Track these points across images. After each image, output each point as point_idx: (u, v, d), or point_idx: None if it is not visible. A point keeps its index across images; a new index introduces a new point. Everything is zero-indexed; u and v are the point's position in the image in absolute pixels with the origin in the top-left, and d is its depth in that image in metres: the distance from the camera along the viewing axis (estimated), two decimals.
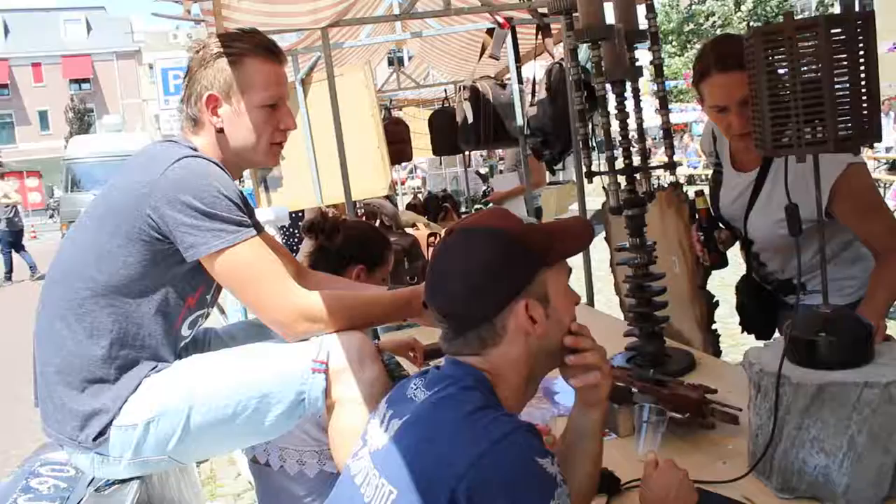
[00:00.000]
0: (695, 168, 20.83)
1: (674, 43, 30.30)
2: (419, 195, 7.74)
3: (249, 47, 1.75)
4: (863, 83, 1.34)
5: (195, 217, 1.58)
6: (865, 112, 1.35)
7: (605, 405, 1.40)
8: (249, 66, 1.74)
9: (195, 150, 1.71)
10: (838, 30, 1.32)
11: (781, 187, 1.72)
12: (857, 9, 1.80)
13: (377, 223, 4.61)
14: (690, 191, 2.63)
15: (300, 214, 5.10)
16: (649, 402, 1.76)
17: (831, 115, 1.31)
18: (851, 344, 1.46)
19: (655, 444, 1.69)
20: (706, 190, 2.48)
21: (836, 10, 1.92)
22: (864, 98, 1.34)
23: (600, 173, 2.20)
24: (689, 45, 30.90)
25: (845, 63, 1.32)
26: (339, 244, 2.44)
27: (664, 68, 2.25)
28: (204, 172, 1.62)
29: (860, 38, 1.33)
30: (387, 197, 5.33)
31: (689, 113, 26.07)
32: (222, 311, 4.57)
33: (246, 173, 5.92)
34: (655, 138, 15.69)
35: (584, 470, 1.38)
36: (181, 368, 1.69)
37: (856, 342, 1.47)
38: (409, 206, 6.76)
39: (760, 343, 2.15)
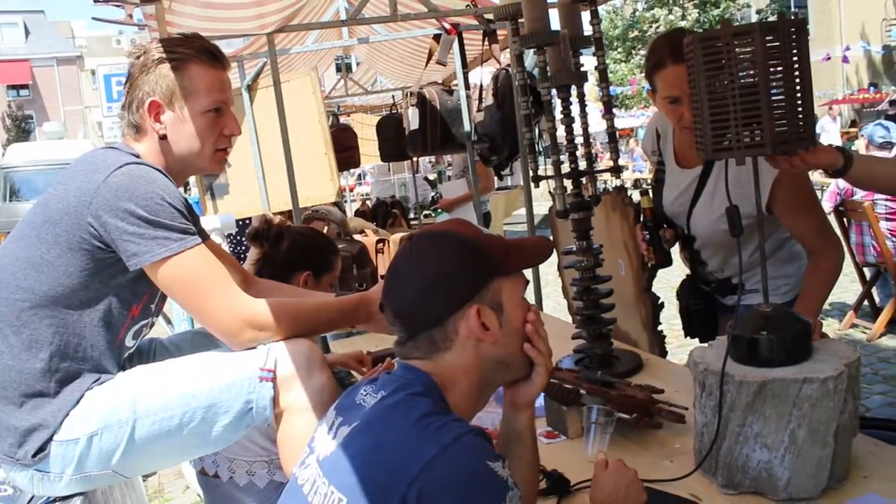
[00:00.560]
0: (640, 172, 21.14)
1: (619, 49, 30.73)
2: (368, 202, 7.71)
3: (192, 52, 1.72)
4: (797, 88, 1.38)
5: (138, 225, 1.56)
6: (801, 116, 1.39)
7: (533, 409, 1.41)
8: (192, 71, 1.71)
9: (137, 156, 1.68)
10: (773, 36, 1.36)
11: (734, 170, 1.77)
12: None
13: (325, 230, 4.57)
14: (636, 194, 2.67)
15: (247, 222, 5.04)
16: (597, 403, 1.77)
17: (768, 119, 1.35)
18: (791, 341, 1.50)
19: (604, 445, 1.71)
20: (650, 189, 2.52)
21: None
22: (799, 102, 1.38)
23: (547, 177, 2.22)
24: (633, 52, 31.38)
25: (780, 68, 1.36)
26: (285, 251, 2.42)
27: (609, 74, 2.28)
28: (147, 179, 1.60)
29: (794, 44, 1.37)
30: (335, 203, 5.30)
31: (634, 118, 26.49)
32: (168, 321, 4.49)
33: (192, 181, 5.84)
34: (601, 143, 15.92)
35: (518, 475, 1.39)
36: (125, 380, 1.66)
37: (795, 340, 1.51)
38: (358, 213, 6.72)
39: (705, 344, 2.19)
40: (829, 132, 16.62)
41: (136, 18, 3.36)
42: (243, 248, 5.28)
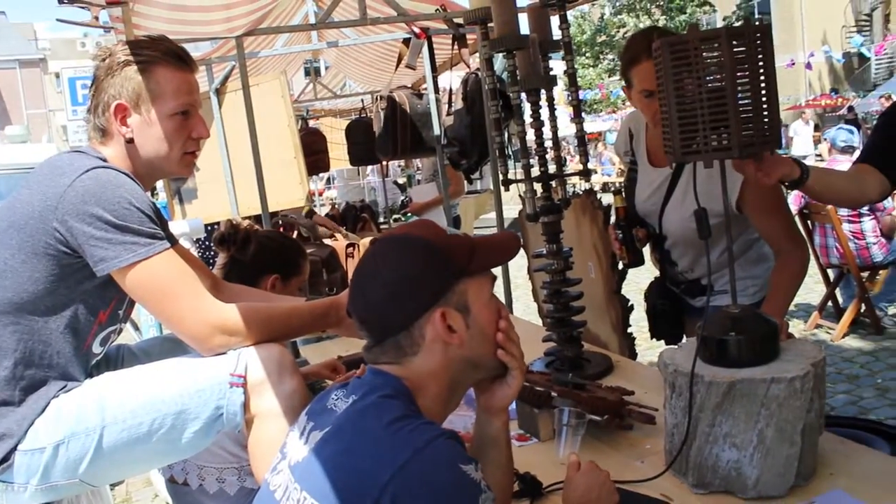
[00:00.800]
0: (609, 176, 21.31)
1: (587, 54, 31.00)
2: (337, 206, 7.69)
3: (158, 54, 1.70)
4: (763, 92, 1.40)
5: (105, 230, 1.53)
6: (767, 119, 1.41)
7: (507, 414, 1.41)
8: (159, 73, 1.69)
9: (104, 160, 1.66)
10: (739, 42, 1.38)
11: (703, 181, 1.80)
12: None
13: (295, 234, 4.55)
14: (605, 197, 2.69)
15: (216, 227, 4.99)
16: (569, 405, 1.79)
17: (735, 123, 1.37)
18: (759, 342, 1.53)
19: (575, 447, 1.73)
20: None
21: None
22: (765, 106, 1.41)
23: (517, 181, 2.23)
24: (601, 57, 31.66)
25: (747, 73, 1.38)
26: (252, 255, 2.40)
27: (578, 78, 2.30)
28: (114, 183, 1.58)
29: (759, 49, 1.39)
30: (307, 209, 5.29)
31: (602, 122, 26.71)
32: (136, 327, 4.43)
33: (159, 186, 5.78)
34: (570, 146, 16.03)
35: (492, 480, 1.39)
36: (92, 387, 1.63)
37: (763, 340, 1.53)
38: (329, 217, 6.69)
39: (674, 345, 2.21)
40: (801, 135, 16.95)
41: (102, 20, 3.32)
42: (212, 252, 5.22)
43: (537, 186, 2.21)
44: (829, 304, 5.78)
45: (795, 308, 6.47)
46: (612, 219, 2.49)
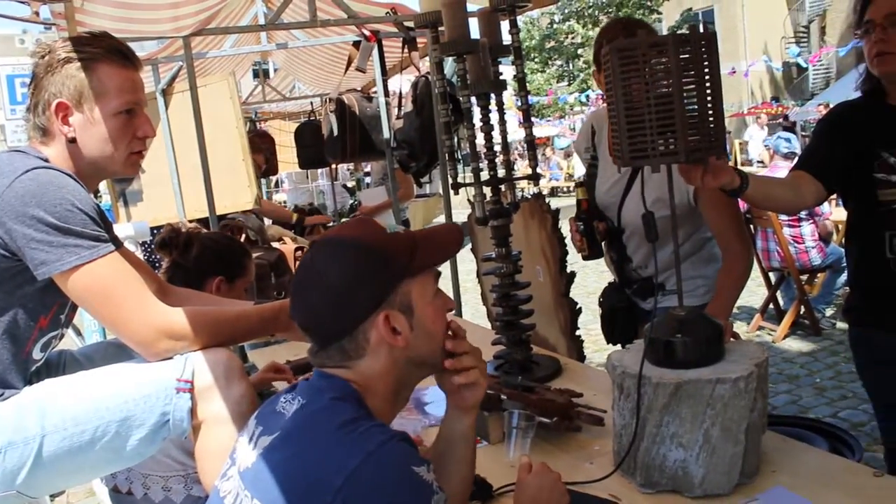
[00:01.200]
0: (557, 180, 21.55)
1: (536, 59, 31.23)
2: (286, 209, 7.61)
3: (101, 52, 1.66)
4: (709, 98, 1.43)
5: (47, 232, 1.50)
6: (712, 125, 1.44)
7: (477, 409, 1.43)
8: (101, 71, 1.65)
9: (46, 160, 1.62)
10: (686, 48, 1.41)
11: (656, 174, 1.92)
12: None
13: (242, 238, 4.49)
14: (553, 202, 2.72)
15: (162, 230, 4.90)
16: (518, 408, 1.79)
17: (682, 128, 1.40)
18: (705, 344, 1.56)
19: (525, 449, 1.73)
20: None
21: None
22: (711, 112, 1.44)
23: (466, 185, 2.24)
24: (550, 62, 31.94)
25: (693, 79, 1.41)
26: (195, 257, 2.37)
27: (527, 83, 2.32)
28: (56, 184, 1.54)
29: (705, 56, 1.42)
30: (254, 212, 5.23)
31: (552, 127, 26.97)
32: (78, 332, 4.33)
33: (103, 187, 5.65)
34: (519, 151, 16.17)
35: (459, 476, 1.40)
36: (32, 395, 1.59)
37: (709, 342, 1.56)
38: (276, 221, 6.62)
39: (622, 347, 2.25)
40: (756, 139, 17.53)
41: (43, 17, 3.24)
42: (158, 256, 5.14)
43: (486, 190, 2.22)
44: (771, 306, 5.92)
45: (738, 310, 6.61)
46: (574, 211, 2.53)
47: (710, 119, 1.44)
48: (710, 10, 30.59)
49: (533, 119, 2.38)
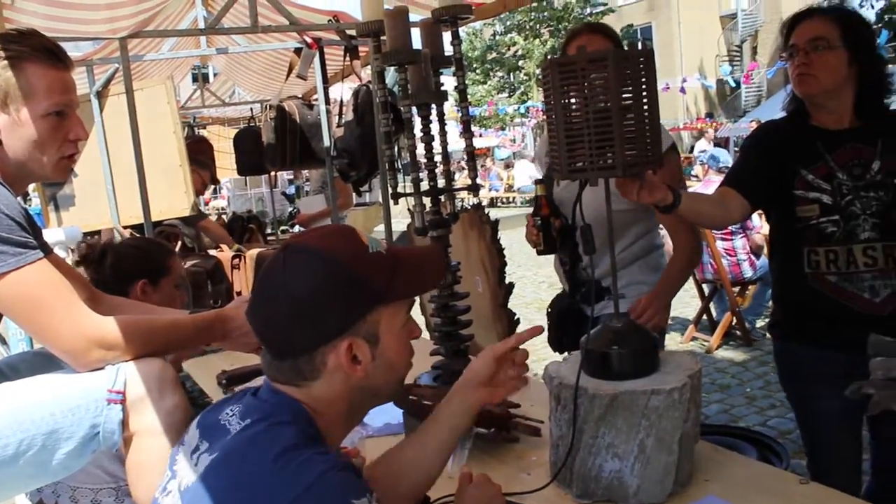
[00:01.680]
0: (496, 191, 21.70)
1: (477, 70, 31.48)
2: (224, 216, 7.50)
3: (28, 50, 1.60)
4: (646, 114, 1.46)
5: None
6: (649, 140, 1.47)
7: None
8: (29, 70, 1.59)
9: None
10: (625, 64, 1.43)
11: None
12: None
13: (178, 245, 4.41)
14: (492, 213, 2.74)
15: (96, 236, 4.78)
16: None
17: (619, 143, 1.42)
18: (640, 355, 1.58)
19: (463, 460, 1.72)
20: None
21: None
22: (648, 127, 1.46)
23: (406, 195, 2.23)
24: (491, 74, 32.23)
25: (631, 95, 1.44)
26: (111, 266, 2.31)
27: (468, 94, 2.33)
28: None
29: (643, 72, 1.45)
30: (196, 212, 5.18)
31: (493, 137, 27.19)
32: (3, 341, 4.18)
33: (33, 191, 5.48)
34: (459, 161, 16.28)
35: (443, 456, 1.43)
36: None
37: (644, 353, 1.58)
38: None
39: (559, 357, 2.27)
40: (706, 153, 18.14)
41: None
42: None
43: (426, 200, 2.22)
44: (704, 317, 6.06)
45: (673, 321, 6.72)
46: (533, 208, 2.58)
47: (648, 134, 1.46)
48: (648, 27, 31.34)
49: (473, 130, 2.39)
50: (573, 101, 1.45)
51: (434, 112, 2.25)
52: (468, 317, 2.32)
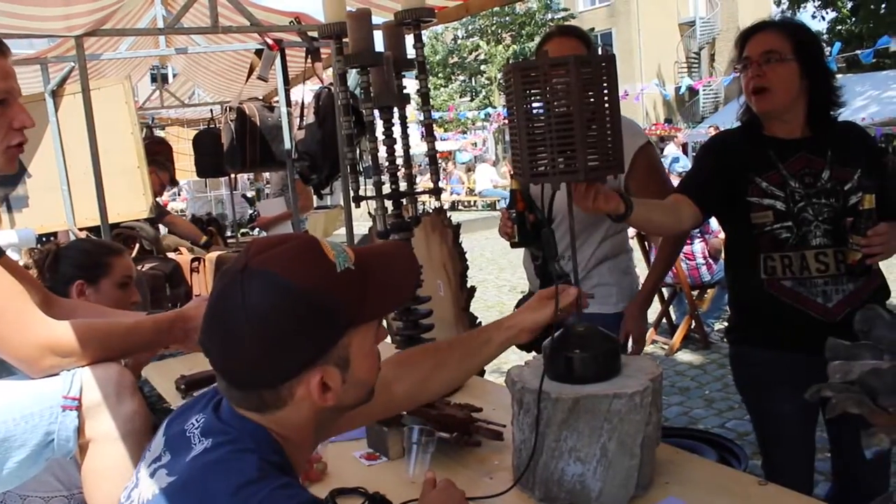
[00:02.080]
0: (458, 194, 21.73)
1: (440, 74, 31.51)
2: (183, 218, 7.40)
3: None
4: (608, 118, 1.47)
5: None
6: (610, 144, 1.48)
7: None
8: None
9: None
10: (587, 69, 1.44)
11: None
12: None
13: (136, 248, 4.34)
14: (454, 216, 2.74)
15: (52, 238, 4.68)
16: (418, 423, 1.78)
17: (581, 147, 1.42)
18: (603, 359, 1.58)
19: (426, 465, 1.72)
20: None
21: None
22: (609, 132, 1.47)
23: (368, 198, 2.22)
24: (453, 77, 32.29)
25: (592, 99, 1.44)
26: (52, 270, 2.26)
27: (430, 98, 2.32)
28: None
29: (604, 77, 1.46)
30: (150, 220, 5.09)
31: (454, 142, 27.22)
32: None
33: None
34: (421, 165, 16.28)
35: (480, 365, 1.59)
36: None
37: (606, 357, 1.59)
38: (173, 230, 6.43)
39: (526, 357, 2.28)
40: (670, 158, 18.32)
41: None
42: None
43: (388, 203, 2.21)
44: (664, 320, 6.12)
45: None
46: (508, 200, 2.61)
47: (609, 139, 1.47)
48: (608, 33, 31.66)
49: (435, 133, 2.39)
50: (535, 105, 1.45)
51: (396, 115, 2.24)
52: (430, 321, 2.31)
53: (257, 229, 6.93)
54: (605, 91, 1.45)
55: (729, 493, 1.57)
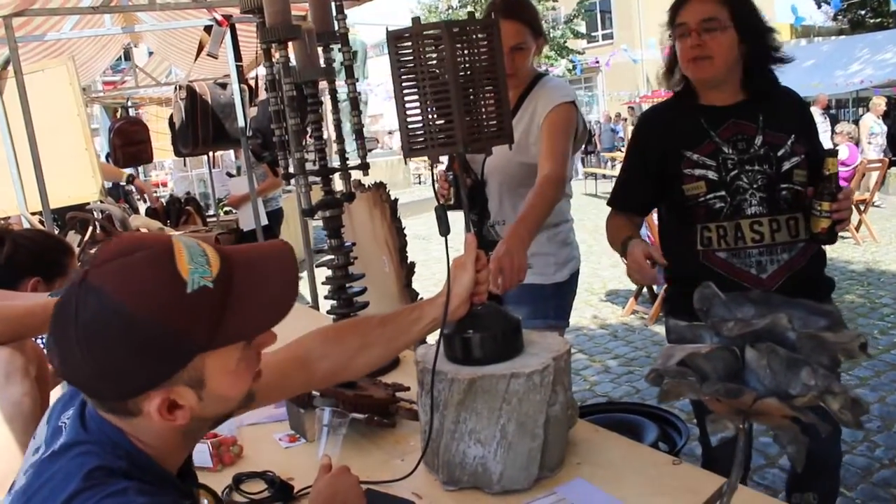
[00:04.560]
0: None
1: None
2: (161, 198, 7.33)
3: None
4: (488, 87, 1.40)
5: None
6: (493, 114, 1.41)
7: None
8: None
9: None
10: (461, 36, 1.36)
11: (526, 123, 2.35)
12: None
13: (90, 231, 4.27)
14: (393, 192, 2.69)
15: (5, 221, 4.62)
16: (329, 405, 1.75)
17: (459, 117, 1.35)
18: (501, 339, 1.53)
19: (337, 447, 1.69)
20: None
21: None
22: (493, 101, 1.40)
23: (292, 175, 2.16)
24: None
25: (469, 68, 1.37)
26: (6, 256, 2.20)
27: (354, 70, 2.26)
28: None
29: (484, 45, 1.38)
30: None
31: None
32: None
33: None
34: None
35: (412, 342, 1.52)
36: None
37: (504, 337, 1.53)
38: (150, 211, 6.35)
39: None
40: None
41: None
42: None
43: (319, 180, 2.15)
44: (644, 290, 6.08)
45: (614, 294, 6.77)
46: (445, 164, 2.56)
47: (492, 106, 1.40)
48: None
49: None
50: (411, 76, 1.39)
51: (327, 89, 2.18)
52: (374, 297, 2.26)
53: (227, 207, 6.87)
54: (485, 58, 1.38)
55: (639, 474, 1.53)
